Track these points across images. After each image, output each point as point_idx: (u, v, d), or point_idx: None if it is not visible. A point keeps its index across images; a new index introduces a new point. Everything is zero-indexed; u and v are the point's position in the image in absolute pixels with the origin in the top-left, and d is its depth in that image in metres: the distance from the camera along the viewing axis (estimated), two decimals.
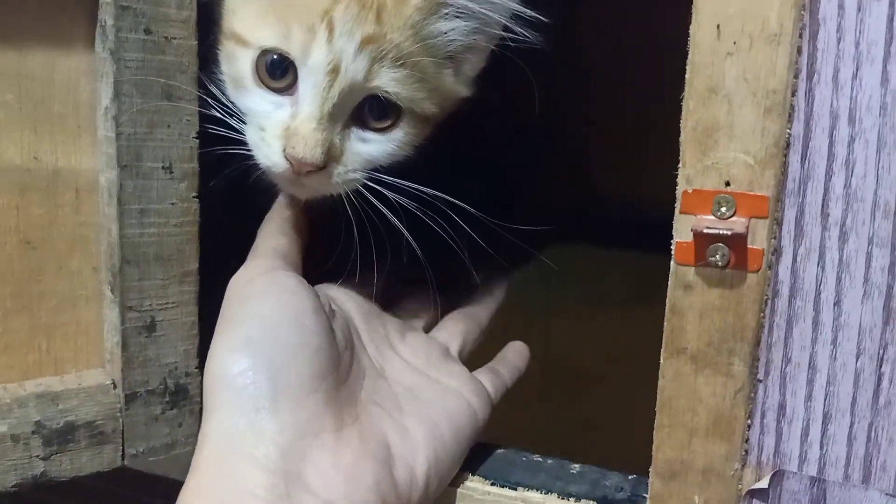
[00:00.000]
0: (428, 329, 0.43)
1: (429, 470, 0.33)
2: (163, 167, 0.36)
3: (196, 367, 0.38)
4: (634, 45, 0.70)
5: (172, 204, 0.37)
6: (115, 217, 0.36)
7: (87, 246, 0.37)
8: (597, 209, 0.81)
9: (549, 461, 0.38)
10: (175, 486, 0.43)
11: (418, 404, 0.35)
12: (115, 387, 0.37)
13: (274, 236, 0.37)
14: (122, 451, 0.37)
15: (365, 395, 0.34)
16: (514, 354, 0.44)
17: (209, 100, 0.38)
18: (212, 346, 0.32)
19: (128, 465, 0.37)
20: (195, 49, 0.36)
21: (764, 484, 0.30)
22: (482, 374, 0.40)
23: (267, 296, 0.33)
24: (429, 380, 0.37)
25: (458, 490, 0.36)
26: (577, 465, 0.38)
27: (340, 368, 0.33)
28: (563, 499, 0.34)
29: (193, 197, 0.37)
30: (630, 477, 0.36)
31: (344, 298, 0.39)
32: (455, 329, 0.43)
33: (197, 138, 0.37)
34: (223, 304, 0.33)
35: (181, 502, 0.29)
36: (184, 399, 0.38)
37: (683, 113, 0.30)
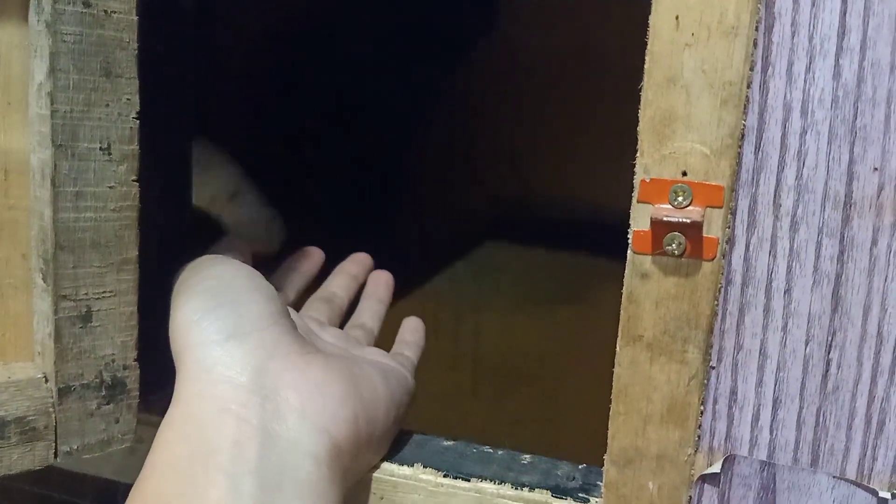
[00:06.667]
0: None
1: (389, 397, 0.36)
2: (101, 148, 0.36)
3: (134, 360, 0.38)
4: (566, 47, 0.72)
5: (111, 187, 0.36)
6: (49, 200, 0.35)
7: (16, 231, 0.36)
8: (527, 209, 0.83)
9: (500, 452, 0.39)
10: (107, 486, 0.42)
11: (360, 359, 0.38)
12: (46, 381, 0.36)
13: (219, 248, 0.43)
14: (56, 448, 0.36)
15: (317, 343, 0.38)
16: (412, 334, 0.48)
17: None
18: (173, 308, 0.35)
19: (60, 462, 0.36)
20: (136, 25, 0.36)
21: (716, 469, 0.32)
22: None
23: (217, 263, 0.37)
24: (358, 355, 0.40)
25: (411, 482, 0.36)
26: (527, 456, 0.39)
27: (291, 319, 0.37)
28: (516, 489, 0.35)
29: (133, 181, 0.37)
30: (580, 466, 0.37)
31: None
32: (362, 321, 0.48)
33: (137, 119, 0.36)
34: (175, 287, 0.36)
35: (159, 433, 0.32)
36: (121, 393, 0.38)
37: (642, 102, 0.31)
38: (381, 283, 0.52)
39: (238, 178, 0.55)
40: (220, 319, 0.33)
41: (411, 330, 0.49)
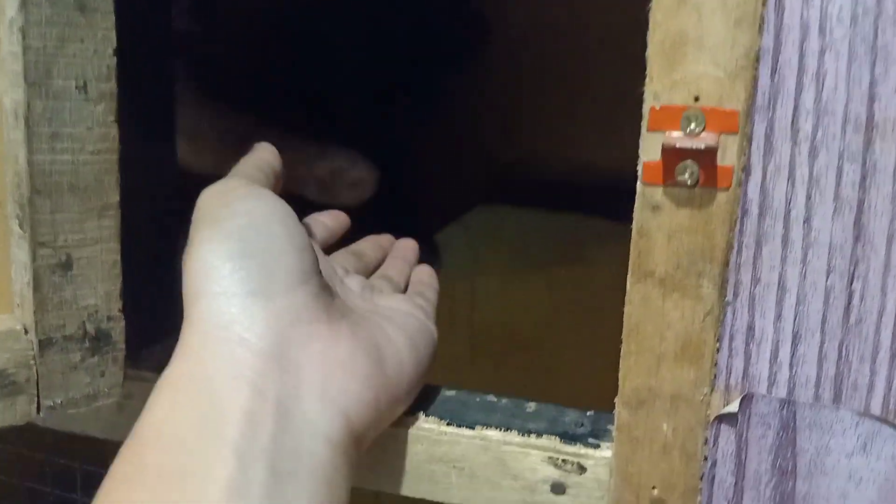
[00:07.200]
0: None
1: (415, 369, 0.34)
2: (76, 86, 0.34)
3: (119, 311, 0.36)
4: (561, 9, 0.71)
5: (88, 128, 0.34)
6: (23, 142, 0.33)
7: None
8: (522, 170, 0.82)
9: (504, 400, 0.38)
10: (95, 445, 0.41)
11: (385, 319, 0.35)
12: (26, 332, 0.34)
13: (250, 168, 0.36)
14: (38, 402, 0.34)
15: (342, 305, 0.34)
16: (429, 277, 0.46)
17: None
18: (192, 241, 0.31)
19: (44, 418, 0.34)
20: None
21: (733, 408, 0.30)
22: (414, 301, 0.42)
23: (251, 197, 0.32)
24: (383, 306, 0.38)
25: (412, 432, 0.35)
26: (532, 404, 0.37)
27: (321, 276, 0.33)
28: (523, 436, 0.34)
29: (112, 121, 0.35)
30: (588, 413, 0.36)
31: None
32: (389, 275, 0.45)
33: (114, 56, 0.34)
34: (197, 213, 0.32)
35: (158, 389, 0.28)
36: (106, 345, 0.36)
37: (650, 25, 0.30)
38: (409, 248, 0.50)
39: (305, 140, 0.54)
40: (246, 270, 0.29)
41: (428, 273, 0.47)
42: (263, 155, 0.38)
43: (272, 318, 0.29)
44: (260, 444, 0.26)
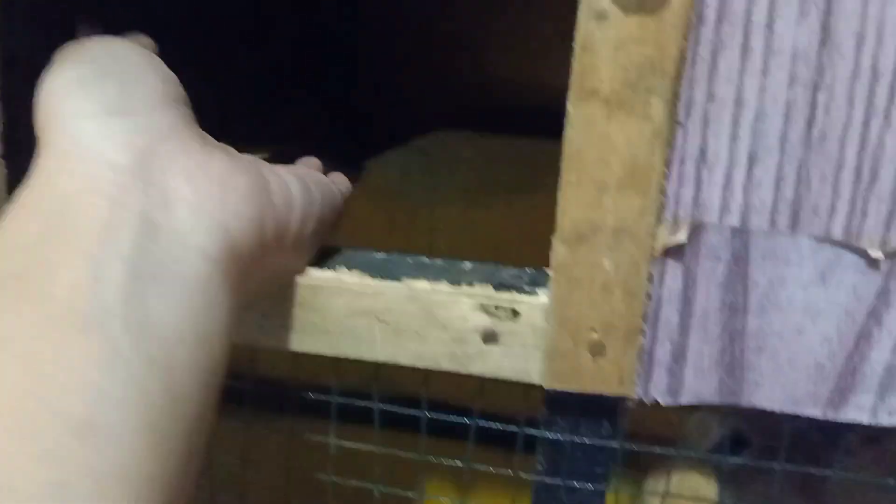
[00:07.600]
0: None
1: (306, 204, 0.31)
2: None
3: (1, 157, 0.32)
4: None
5: None
6: None
7: None
8: (482, 94, 0.78)
9: (439, 261, 0.34)
10: None
11: (274, 165, 0.32)
12: None
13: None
14: None
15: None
16: (339, 177, 0.43)
17: None
18: (43, 78, 0.28)
19: None
20: None
21: (681, 238, 0.27)
22: None
23: (109, 40, 0.30)
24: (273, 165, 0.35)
25: (332, 285, 0.32)
26: (469, 263, 0.34)
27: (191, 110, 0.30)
28: (454, 285, 0.31)
29: None
30: (528, 269, 0.33)
31: None
32: None
33: None
34: (52, 62, 0.29)
35: (6, 210, 0.25)
36: None
37: None
38: (312, 162, 0.47)
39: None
40: (101, 89, 0.27)
41: (339, 174, 0.44)
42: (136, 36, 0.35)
43: (134, 134, 0.26)
44: (118, 251, 0.24)
